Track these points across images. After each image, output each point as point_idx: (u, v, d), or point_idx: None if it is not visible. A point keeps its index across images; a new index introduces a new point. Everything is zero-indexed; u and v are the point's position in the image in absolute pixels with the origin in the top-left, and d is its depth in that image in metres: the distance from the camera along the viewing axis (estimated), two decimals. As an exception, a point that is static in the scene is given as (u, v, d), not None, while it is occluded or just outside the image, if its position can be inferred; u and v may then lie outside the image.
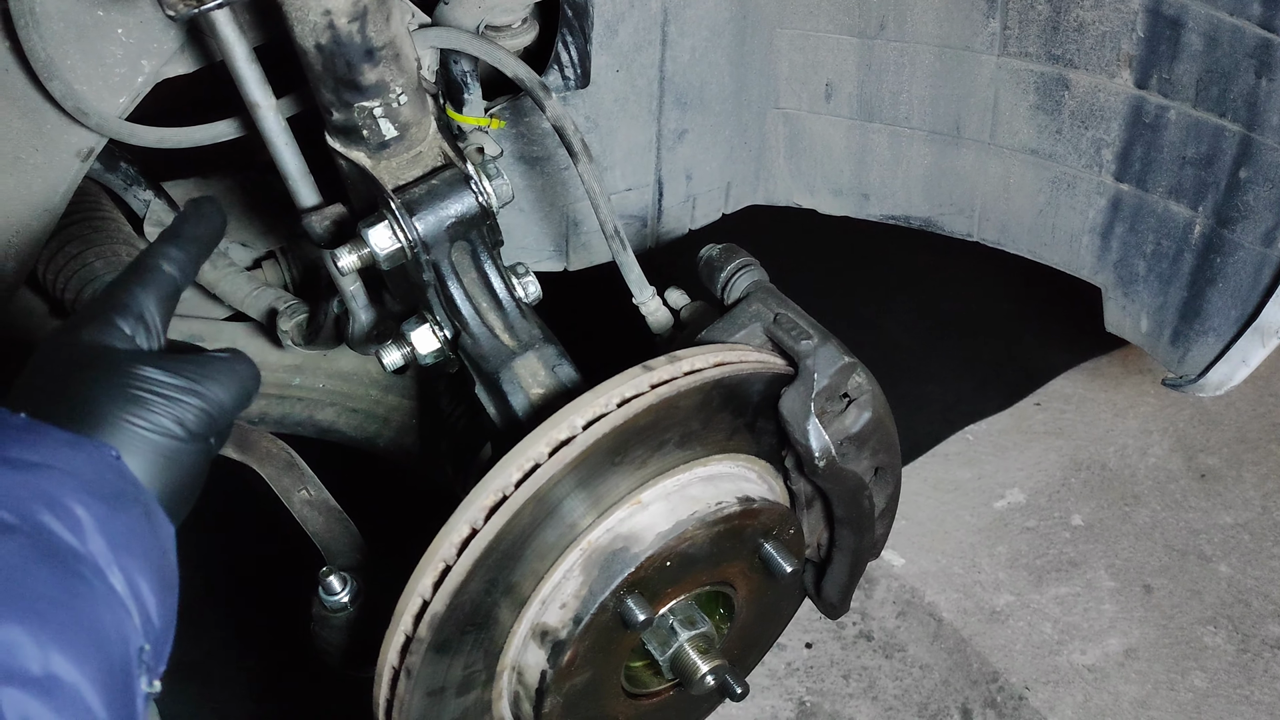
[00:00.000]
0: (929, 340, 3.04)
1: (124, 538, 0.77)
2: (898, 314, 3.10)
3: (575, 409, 1.09)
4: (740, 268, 1.31)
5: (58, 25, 1.26)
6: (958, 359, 3.01)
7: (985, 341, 3.06)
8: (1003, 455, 2.78)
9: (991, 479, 2.71)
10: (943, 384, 2.94)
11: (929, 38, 1.67)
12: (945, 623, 2.39)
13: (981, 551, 2.54)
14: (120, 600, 0.75)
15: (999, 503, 2.66)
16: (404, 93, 1.19)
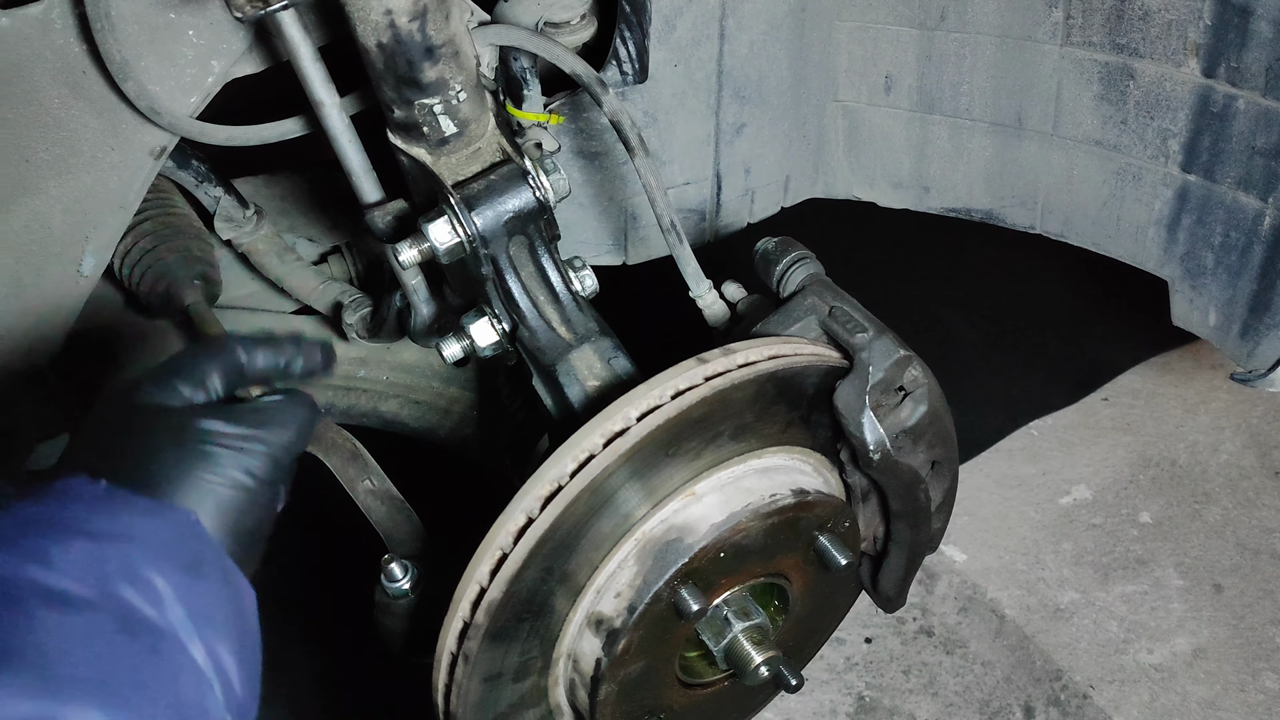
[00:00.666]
0: (992, 335, 3.01)
1: (203, 607, 0.77)
2: (960, 308, 3.07)
3: (629, 400, 1.10)
4: (796, 260, 1.31)
5: (132, 28, 1.31)
6: (1022, 354, 2.97)
7: (1051, 336, 3.01)
8: (1069, 451, 2.74)
9: (1057, 475, 2.67)
10: (1006, 379, 2.91)
11: (990, 28, 1.66)
12: (1008, 619, 2.37)
13: (1046, 548, 2.51)
14: (201, 672, 0.75)
15: (1064, 499, 2.62)
16: (463, 90, 1.21)
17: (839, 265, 1.41)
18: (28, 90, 1.32)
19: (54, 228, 1.45)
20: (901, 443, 1.24)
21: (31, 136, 1.36)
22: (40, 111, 1.34)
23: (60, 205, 1.44)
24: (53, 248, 1.46)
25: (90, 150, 1.41)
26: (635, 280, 1.91)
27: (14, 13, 1.26)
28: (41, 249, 1.46)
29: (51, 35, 1.29)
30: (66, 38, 1.30)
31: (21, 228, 1.43)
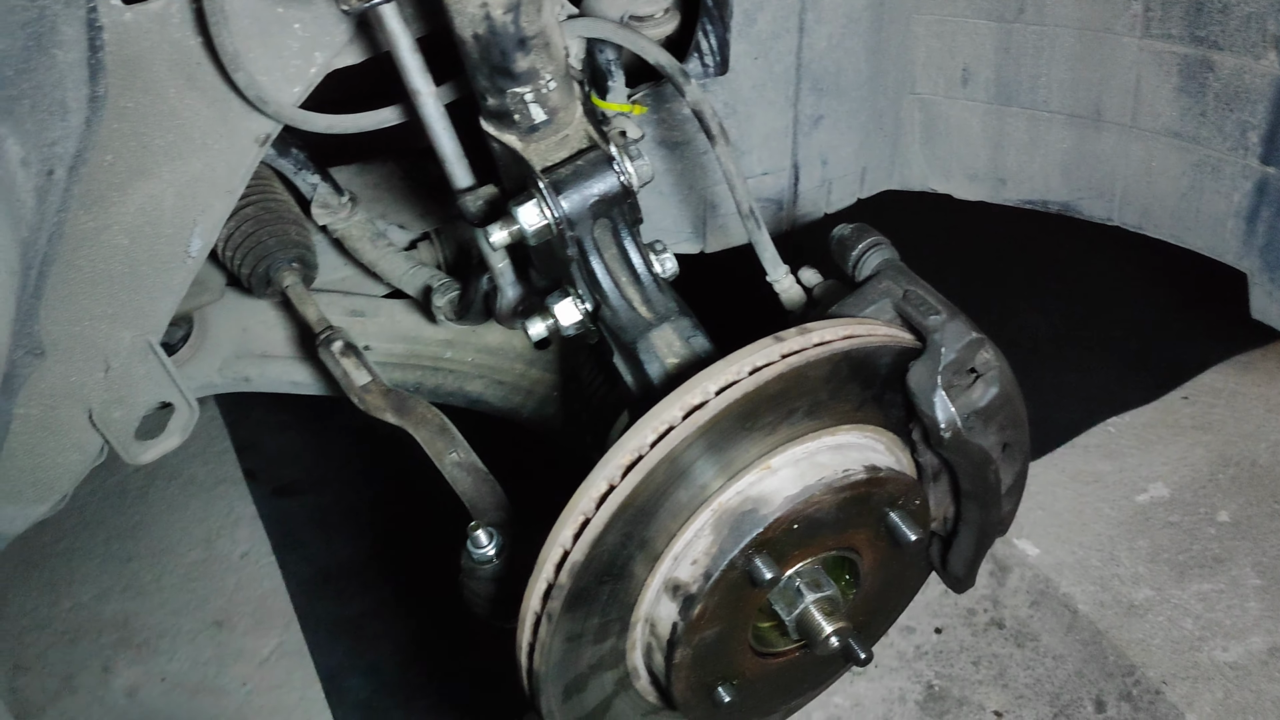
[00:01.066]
0: (1070, 329, 3.00)
1: None
2: (1037, 302, 3.06)
3: (708, 376, 1.15)
4: (871, 246, 1.34)
5: (243, 21, 1.39)
6: (1100, 350, 2.95)
7: (1130, 332, 2.99)
8: (1146, 449, 2.72)
9: (1134, 472, 2.66)
10: (1083, 374, 2.89)
11: (1069, 20, 1.67)
12: (1080, 614, 2.37)
13: (1121, 545, 2.50)
14: None
15: (1141, 496, 2.61)
16: (553, 79, 1.27)
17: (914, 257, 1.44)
18: (147, 81, 1.41)
19: (166, 210, 1.54)
20: (973, 423, 1.27)
21: (148, 124, 1.45)
22: (157, 100, 1.43)
23: (172, 189, 1.53)
24: (164, 229, 1.55)
25: (201, 137, 1.50)
26: (713, 268, 1.96)
27: (137, 8, 1.35)
28: (154, 230, 1.55)
29: (169, 29, 1.38)
30: (183, 31, 1.39)
31: (137, 209, 1.52)
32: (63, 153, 1.38)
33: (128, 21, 1.35)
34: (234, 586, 2.54)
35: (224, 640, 2.43)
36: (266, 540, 2.63)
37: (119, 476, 2.85)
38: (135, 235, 1.55)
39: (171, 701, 2.34)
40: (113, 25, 1.34)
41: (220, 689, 2.34)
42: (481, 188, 1.42)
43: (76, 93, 1.34)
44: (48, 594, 2.57)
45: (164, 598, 2.54)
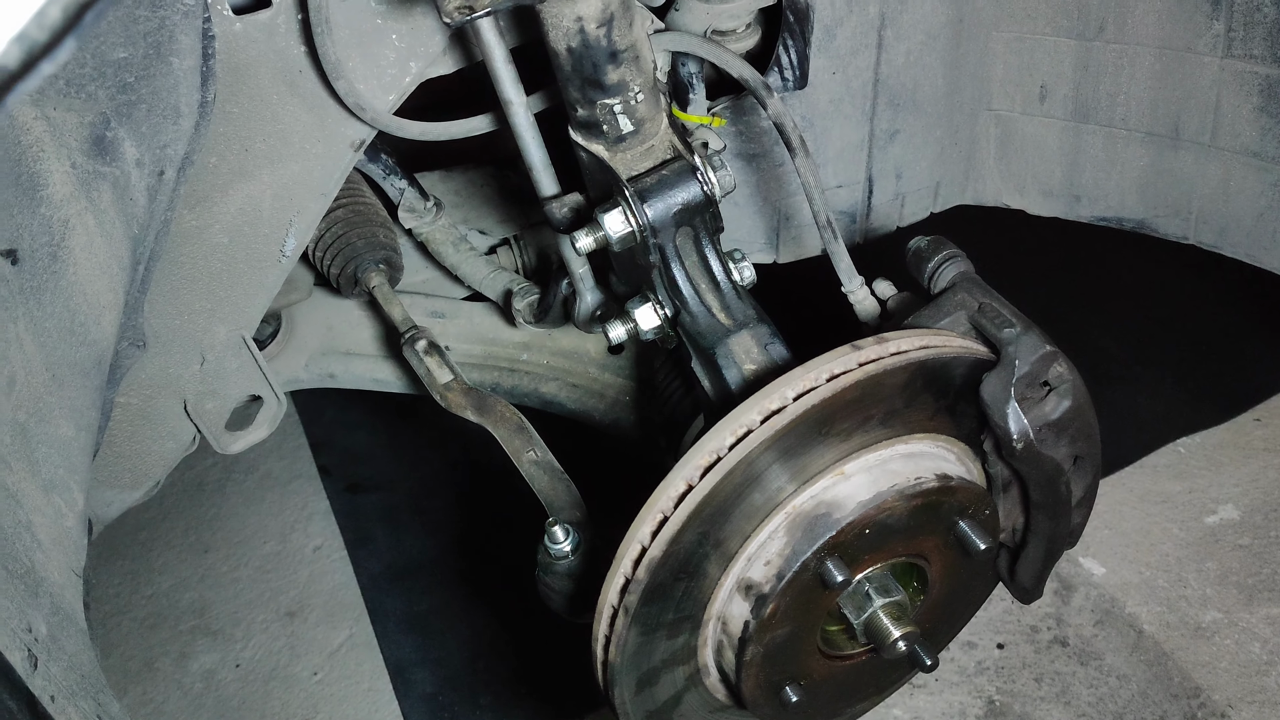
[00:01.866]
0: (1141, 349, 2.98)
1: None
2: (1110, 320, 3.05)
3: (786, 382, 1.18)
4: (947, 259, 1.37)
5: (344, 32, 1.45)
6: (1172, 369, 2.93)
7: (1202, 353, 2.96)
8: (1217, 470, 2.69)
9: (1203, 493, 2.63)
10: (1154, 394, 2.87)
11: (1150, 39, 1.68)
12: (1146, 634, 2.35)
13: (1189, 566, 2.48)
14: None
15: (1210, 518, 2.58)
16: (641, 91, 1.31)
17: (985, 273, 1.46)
18: (252, 87, 1.48)
19: (264, 211, 1.61)
20: (1044, 435, 1.29)
21: (251, 128, 1.53)
22: (261, 106, 1.50)
23: (270, 191, 1.60)
24: (261, 229, 1.63)
25: (300, 141, 1.56)
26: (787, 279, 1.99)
27: (246, 18, 1.42)
28: (252, 229, 1.62)
29: (275, 38, 1.45)
30: (288, 40, 1.46)
31: (237, 210, 1.59)
32: (173, 154, 1.45)
33: (237, 31, 1.42)
34: (306, 579, 2.62)
35: (296, 631, 2.50)
36: (339, 535, 2.70)
37: (198, 470, 2.95)
38: (234, 234, 1.62)
39: (245, 687, 2.41)
40: (224, 35, 1.41)
41: (292, 677, 2.41)
42: (567, 195, 1.46)
43: (189, 98, 1.42)
44: (129, 582, 2.67)
45: (239, 588, 2.62)
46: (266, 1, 1.41)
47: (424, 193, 1.91)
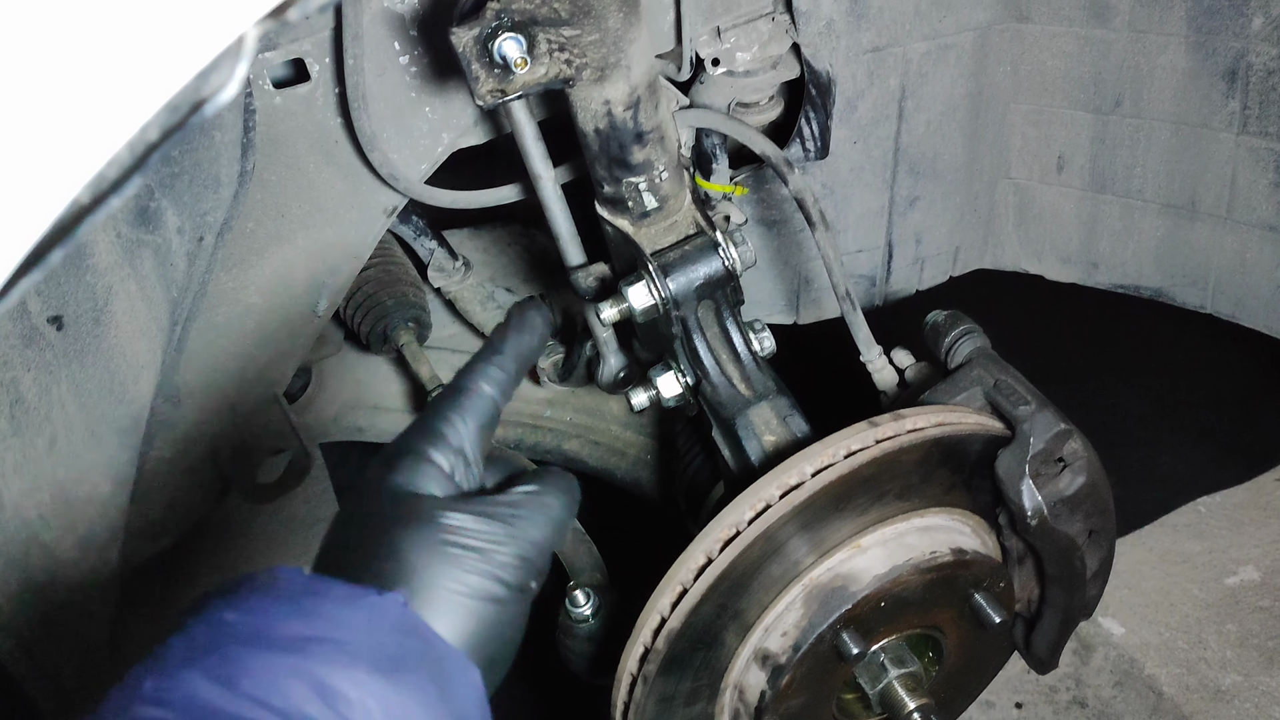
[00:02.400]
0: (1162, 409, 2.98)
1: (400, 711, 0.68)
2: (1130, 381, 3.05)
3: (805, 457, 1.21)
4: (964, 334, 1.40)
5: (380, 105, 1.50)
6: (1192, 430, 2.92)
7: (1222, 411, 2.96)
8: (1237, 530, 2.68)
9: (1224, 554, 2.62)
10: (1175, 454, 2.87)
11: (1166, 115, 1.72)
12: (1165, 696, 2.34)
13: (1209, 628, 2.47)
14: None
15: (1231, 579, 2.58)
16: (665, 170, 1.35)
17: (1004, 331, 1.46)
18: (289, 157, 1.53)
19: (298, 273, 1.66)
20: (1059, 510, 1.31)
21: (288, 195, 1.58)
22: (297, 174, 1.55)
23: (305, 254, 1.64)
24: (295, 290, 1.67)
25: (334, 208, 1.61)
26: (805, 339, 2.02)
27: (285, 92, 1.47)
28: (286, 291, 1.67)
29: (314, 111, 1.50)
30: (325, 113, 1.51)
31: (272, 272, 1.64)
32: (212, 221, 1.51)
33: (277, 104, 1.48)
34: (330, 623, 2.64)
35: (318, 675, 2.52)
36: (361, 581, 2.72)
37: (223, 510, 2.99)
38: (269, 295, 1.66)
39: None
40: (264, 108, 1.47)
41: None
42: (593, 265, 1.50)
43: (229, 169, 1.47)
44: (150, 626, 2.70)
45: (263, 630, 2.64)
46: (305, 76, 1.47)
47: (453, 252, 1.95)
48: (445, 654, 0.72)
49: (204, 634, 0.70)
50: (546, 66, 1.22)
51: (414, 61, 1.49)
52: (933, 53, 1.74)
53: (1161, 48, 1.65)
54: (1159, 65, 1.67)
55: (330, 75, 1.47)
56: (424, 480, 0.80)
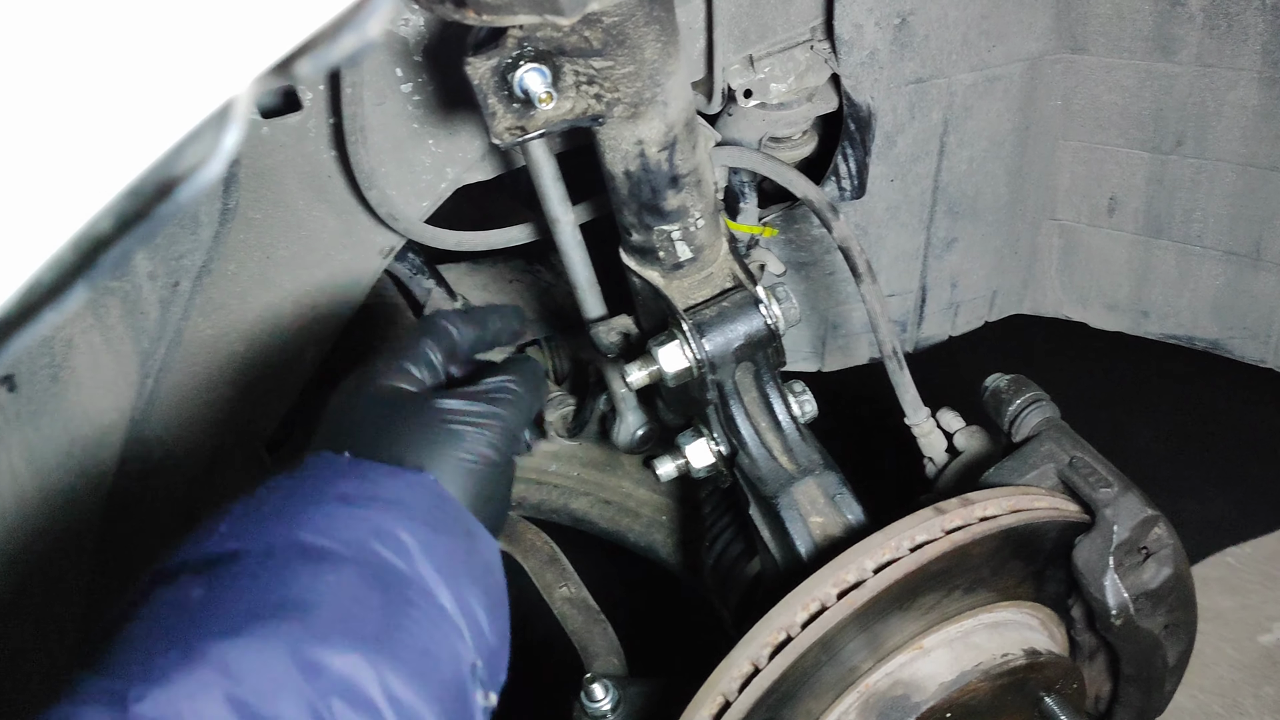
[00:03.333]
0: (1186, 451, 2.84)
1: (449, 559, 0.80)
2: (1151, 420, 2.91)
3: (865, 550, 1.06)
4: (1031, 402, 1.25)
5: (379, 137, 1.35)
6: (1219, 474, 2.79)
7: (1248, 455, 2.83)
8: (1271, 584, 2.55)
9: (1258, 610, 2.49)
10: (1201, 501, 2.74)
11: (1232, 156, 1.58)
12: (1202, 766, 2.21)
13: (1245, 691, 2.34)
14: (450, 619, 0.78)
15: (1265, 637, 2.44)
16: (702, 217, 1.20)
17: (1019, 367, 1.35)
18: (276, 193, 1.38)
19: (285, 319, 1.50)
20: (1141, 605, 1.17)
21: (274, 235, 1.42)
22: (286, 212, 1.40)
23: (292, 298, 1.49)
24: (281, 337, 1.51)
25: (325, 248, 1.46)
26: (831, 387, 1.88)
27: (274, 122, 1.32)
28: (271, 338, 1.51)
29: (305, 143, 1.35)
30: (318, 145, 1.35)
31: (256, 318, 1.48)
32: (190, 265, 1.35)
33: (264, 135, 1.32)
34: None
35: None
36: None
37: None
38: (252, 342, 1.51)
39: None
40: (250, 139, 1.31)
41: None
42: (615, 318, 1.35)
43: (209, 206, 1.31)
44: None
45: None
46: (296, 105, 1.31)
47: (451, 291, 1.80)
48: (470, 519, 0.86)
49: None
50: (574, 101, 1.07)
51: (417, 90, 1.34)
52: (979, 84, 1.60)
53: (1232, 84, 1.52)
54: (1228, 102, 1.54)
55: (324, 104, 1.32)
56: (407, 380, 0.94)
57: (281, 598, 0.72)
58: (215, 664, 0.67)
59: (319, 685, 0.69)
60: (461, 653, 0.79)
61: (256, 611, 0.71)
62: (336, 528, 0.77)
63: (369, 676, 0.71)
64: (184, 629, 0.70)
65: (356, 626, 0.73)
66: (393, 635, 0.74)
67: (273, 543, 0.76)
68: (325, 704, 0.68)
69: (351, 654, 0.71)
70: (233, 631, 0.69)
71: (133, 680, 0.66)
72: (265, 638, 0.70)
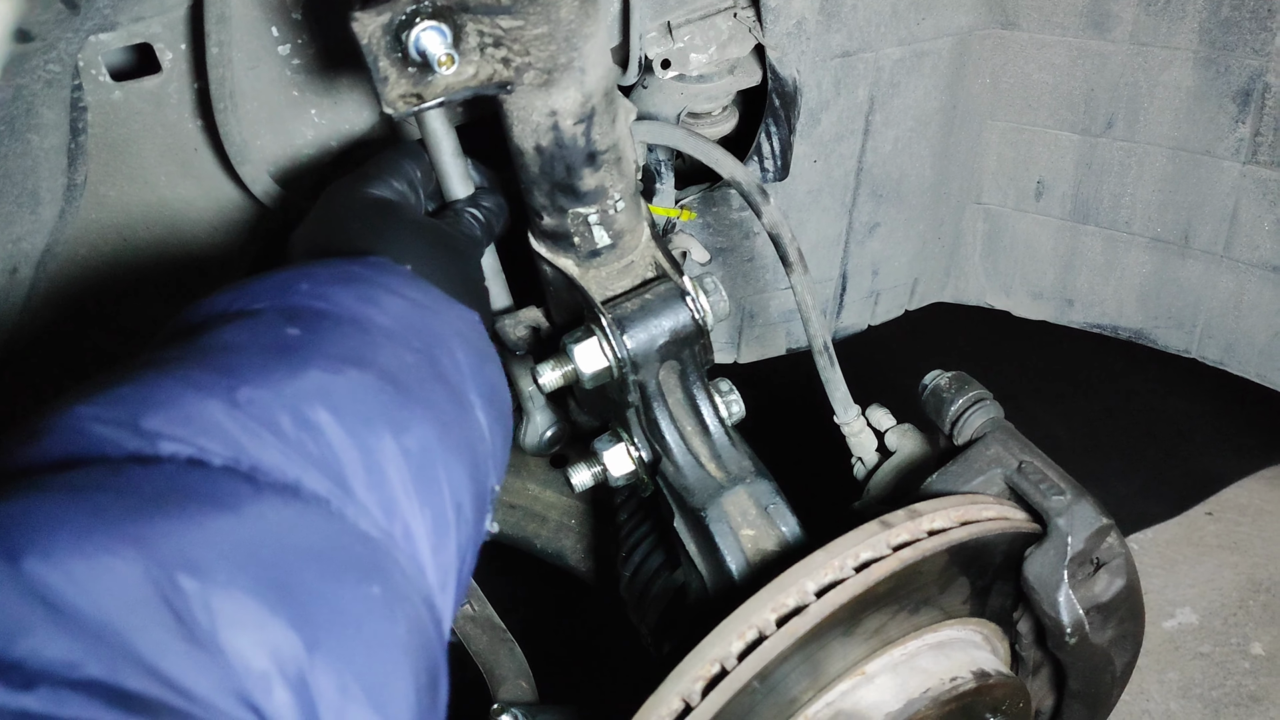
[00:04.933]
0: (1090, 437, 2.85)
1: (487, 389, 0.86)
2: (1061, 409, 2.91)
3: (805, 571, 0.96)
4: (974, 402, 1.17)
5: (253, 105, 1.19)
6: (1120, 458, 2.80)
7: (1150, 440, 2.85)
8: (1172, 569, 2.56)
9: (1160, 595, 2.50)
10: (1104, 486, 2.73)
11: (1164, 139, 1.52)
12: (1112, 756, 2.19)
13: (1150, 677, 2.34)
14: (486, 439, 0.84)
15: (1169, 623, 2.45)
16: (622, 199, 1.08)
17: (925, 357, 1.29)
18: (134, 167, 1.21)
19: (149, 312, 1.33)
20: (1093, 619, 1.09)
21: (132, 216, 1.25)
22: (145, 190, 1.23)
23: (156, 288, 1.32)
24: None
25: (192, 231, 1.29)
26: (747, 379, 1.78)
27: (129, 85, 1.15)
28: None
29: (165, 110, 1.18)
30: (180, 113, 1.19)
31: (114, 311, 1.31)
32: (29, 249, 1.17)
33: (116, 101, 1.15)
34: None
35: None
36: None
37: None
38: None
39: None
40: (99, 105, 1.14)
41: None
42: (523, 311, 1.22)
43: (51, 182, 1.14)
44: None
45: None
46: (155, 66, 1.14)
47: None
48: (499, 363, 0.92)
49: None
50: (477, 66, 0.93)
51: (297, 52, 1.18)
52: (907, 60, 1.50)
53: (1166, 63, 1.45)
54: (1161, 83, 1.48)
55: (187, 66, 1.15)
56: (391, 194, 1.03)
57: (364, 358, 0.75)
58: (315, 386, 0.71)
59: (404, 444, 0.72)
60: (490, 471, 0.84)
61: (352, 358, 0.74)
62: (405, 323, 0.81)
63: (438, 456, 0.74)
64: (289, 356, 0.72)
65: (427, 403, 0.76)
66: (453, 425, 0.78)
67: (356, 313, 0.78)
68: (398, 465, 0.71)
69: (425, 427, 0.74)
70: (332, 370, 0.72)
71: (243, 379, 0.69)
72: (360, 381, 0.73)
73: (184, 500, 0.60)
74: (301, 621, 0.59)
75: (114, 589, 0.55)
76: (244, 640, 0.57)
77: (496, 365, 0.90)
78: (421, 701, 0.67)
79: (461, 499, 0.76)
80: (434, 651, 0.71)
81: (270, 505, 0.63)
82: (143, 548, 0.57)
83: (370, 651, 0.63)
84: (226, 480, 0.63)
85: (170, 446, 0.63)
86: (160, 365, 0.70)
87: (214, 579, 0.58)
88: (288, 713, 0.57)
